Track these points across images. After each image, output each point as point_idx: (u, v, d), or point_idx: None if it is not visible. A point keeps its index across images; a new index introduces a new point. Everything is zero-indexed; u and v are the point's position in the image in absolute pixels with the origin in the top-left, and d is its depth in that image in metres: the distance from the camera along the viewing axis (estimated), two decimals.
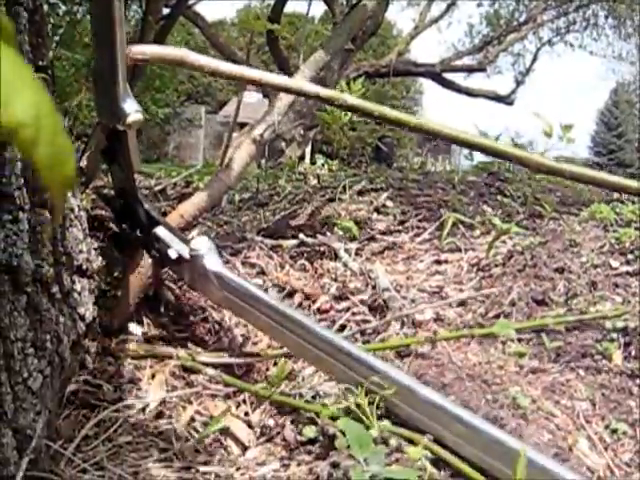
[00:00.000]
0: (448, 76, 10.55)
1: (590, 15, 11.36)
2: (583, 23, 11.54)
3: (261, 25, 1.93)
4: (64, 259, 1.25)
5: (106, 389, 1.33)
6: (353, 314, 1.77)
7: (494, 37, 11.24)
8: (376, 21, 6.65)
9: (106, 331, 1.48)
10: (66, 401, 1.25)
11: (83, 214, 1.41)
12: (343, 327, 1.72)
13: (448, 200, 2.73)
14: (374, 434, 1.10)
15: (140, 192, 1.59)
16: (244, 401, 1.38)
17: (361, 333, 1.67)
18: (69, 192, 1.30)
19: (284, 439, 1.24)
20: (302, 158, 6.88)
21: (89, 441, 1.18)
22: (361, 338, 1.65)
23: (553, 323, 1.55)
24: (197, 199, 1.72)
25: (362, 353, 1.27)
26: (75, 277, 1.31)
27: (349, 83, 2.44)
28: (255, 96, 12.90)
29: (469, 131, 1.59)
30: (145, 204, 1.55)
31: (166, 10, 3.42)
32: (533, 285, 1.75)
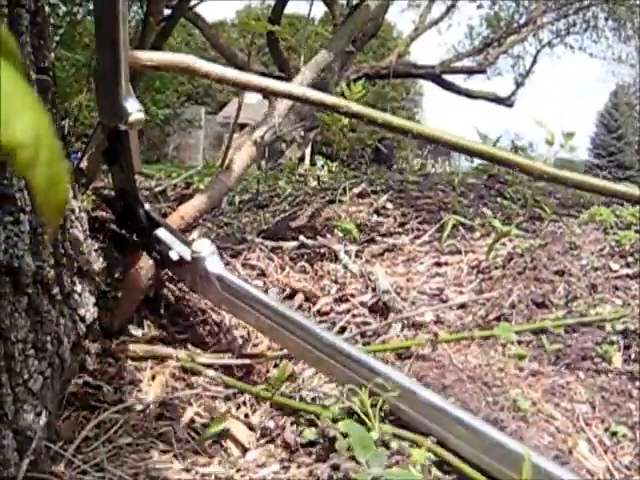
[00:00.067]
0: (448, 78, 10.55)
1: (590, 17, 11.37)
2: (583, 25, 11.55)
3: (261, 27, 1.93)
4: (65, 260, 1.25)
5: (106, 390, 1.32)
6: (353, 316, 1.77)
7: (494, 39, 11.24)
8: (376, 23, 6.66)
9: (106, 332, 1.48)
10: (66, 402, 1.25)
11: (84, 215, 1.41)
12: (343, 329, 1.72)
13: (448, 202, 2.73)
14: (375, 436, 1.11)
15: (140, 193, 1.59)
16: (244, 403, 1.38)
17: (361, 335, 1.67)
18: (70, 194, 1.31)
19: (284, 441, 1.23)
20: (302, 159, 6.89)
21: (89, 442, 1.18)
22: (361, 340, 1.65)
23: (553, 326, 1.56)
24: (197, 201, 1.71)
25: (362, 355, 1.27)
26: (76, 278, 1.31)
27: (349, 85, 2.45)
28: (255, 97, 12.89)
29: (469, 133, 1.59)
30: (146, 205, 1.55)
31: (167, 11, 3.42)
32: (533, 287, 1.75)
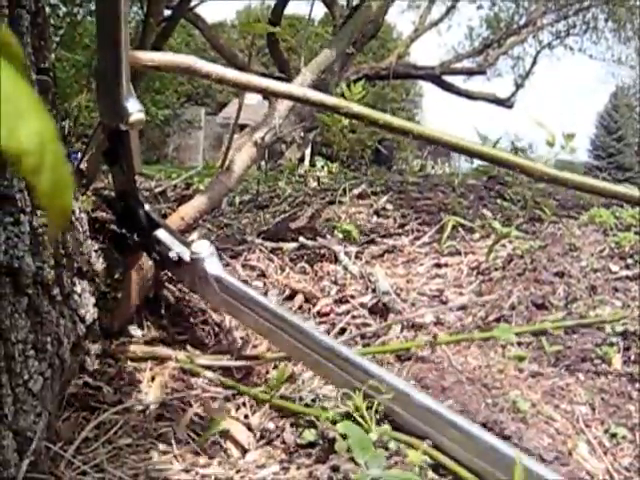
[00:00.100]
0: (448, 79, 10.56)
1: (590, 19, 11.39)
2: (583, 26, 11.56)
3: (261, 27, 1.93)
4: (65, 261, 1.25)
5: (106, 391, 1.32)
6: (353, 317, 1.77)
7: (494, 40, 11.25)
8: (376, 24, 6.67)
9: (106, 333, 1.48)
10: (66, 403, 1.25)
11: (84, 216, 1.41)
12: (343, 330, 1.72)
13: (448, 203, 2.73)
14: (373, 438, 1.11)
15: (141, 194, 1.59)
16: (244, 404, 1.37)
17: (361, 336, 1.67)
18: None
19: (284, 442, 1.23)
20: (302, 160, 6.89)
21: (89, 443, 1.18)
22: (361, 341, 1.65)
23: (552, 327, 1.56)
24: (197, 201, 1.72)
25: (359, 358, 1.27)
26: (76, 279, 1.31)
27: (349, 86, 2.45)
28: (255, 98, 12.90)
29: (469, 135, 1.59)
30: (146, 206, 1.55)
31: (167, 12, 3.42)
32: (533, 289, 1.75)
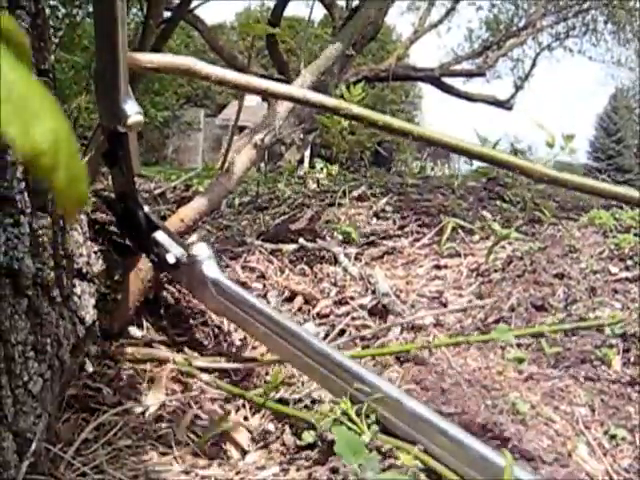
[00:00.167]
0: (447, 81, 10.56)
1: (589, 20, 11.39)
2: (582, 28, 11.56)
3: (261, 29, 1.93)
4: (65, 262, 1.25)
5: (106, 393, 1.32)
6: (353, 319, 1.77)
7: (493, 42, 11.26)
8: (376, 26, 6.67)
9: (106, 335, 1.48)
10: (66, 404, 1.25)
11: (84, 217, 1.41)
12: (343, 332, 1.72)
13: (448, 205, 2.73)
14: (366, 441, 1.10)
15: (140, 195, 1.59)
16: (243, 405, 1.37)
17: (361, 338, 1.67)
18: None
19: (284, 443, 1.23)
20: (301, 162, 6.89)
21: (89, 444, 1.18)
22: (360, 343, 1.65)
23: (551, 330, 1.56)
24: (197, 203, 1.72)
25: (352, 363, 1.25)
26: (75, 280, 1.31)
27: (349, 87, 2.45)
28: (254, 99, 12.90)
29: (468, 136, 1.59)
30: (145, 208, 1.55)
31: (167, 13, 3.43)
32: (532, 291, 1.75)
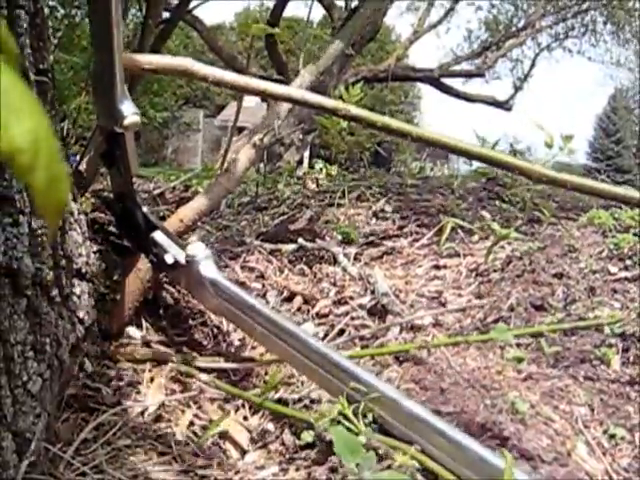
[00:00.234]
0: (446, 81, 10.55)
1: (589, 21, 11.40)
2: (582, 29, 11.57)
3: (260, 29, 1.92)
4: (64, 262, 1.25)
5: (105, 392, 1.32)
6: (352, 319, 1.77)
7: (493, 42, 11.26)
8: (375, 26, 6.66)
9: (105, 335, 1.48)
10: (65, 404, 1.25)
11: (82, 217, 1.41)
12: (342, 331, 1.72)
13: (447, 205, 2.73)
14: (363, 441, 1.09)
15: (139, 196, 1.59)
16: (243, 405, 1.37)
17: (360, 338, 1.67)
18: (69, 197, 1.31)
19: (283, 443, 1.23)
20: (300, 162, 6.88)
21: (88, 444, 1.18)
22: (360, 343, 1.65)
23: (551, 329, 1.56)
24: (197, 203, 1.71)
25: (349, 364, 1.25)
26: (74, 280, 1.31)
27: (347, 88, 2.45)
28: (253, 100, 12.88)
29: (467, 137, 1.59)
30: (143, 208, 1.55)
31: (166, 14, 3.43)
32: (532, 290, 1.75)
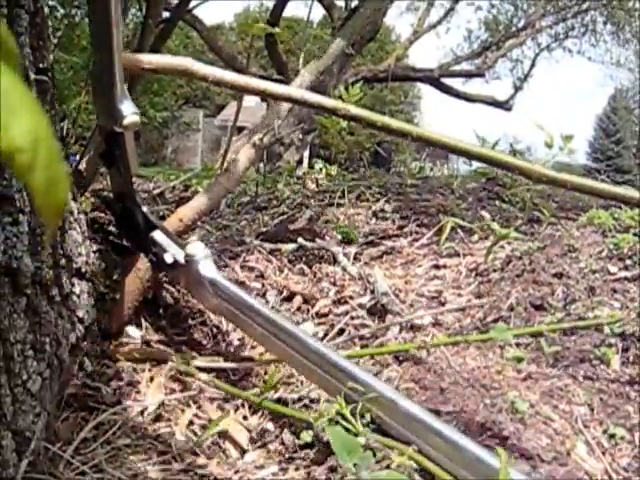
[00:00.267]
0: (446, 81, 10.55)
1: (589, 21, 11.40)
2: (582, 29, 11.58)
3: (260, 29, 1.92)
4: (63, 262, 1.25)
5: (105, 392, 1.32)
6: (352, 318, 1.77)
7: (493, 42, 11.26)
8: (375, 26, 6.66)
9: (105, 334, 1.48)
10: (65, 403, 1.25)
11: (82, 217, 1.41)
12: (342, 331, 1.72)
13: (447, 205, 2.73)
14: (362, 441, 1.09)
15: (138, 195, 1.59)
16: (242, 404, 1.37)
17: (359, 337, 1.67)
18: (69, 196, 1.31)
19: (282, 443, 1.23)
20: (300, 162, 6.88)
21: (88, 443, 1.18)
22: (359, 342, 1.65)
23: (551, 329, 1.55)
24: (196, 203, 1.71)
25: (347, 364, 1.25)
26: (74, 280, 1.31)
27: (347, 88, 2.44)
28: (253, 100, 12.88)
29: (467, 137, 1.58)
30: (143, 207, 1.55)
31: (166, 14, 3.43)
32: (531, 290, 1.75)
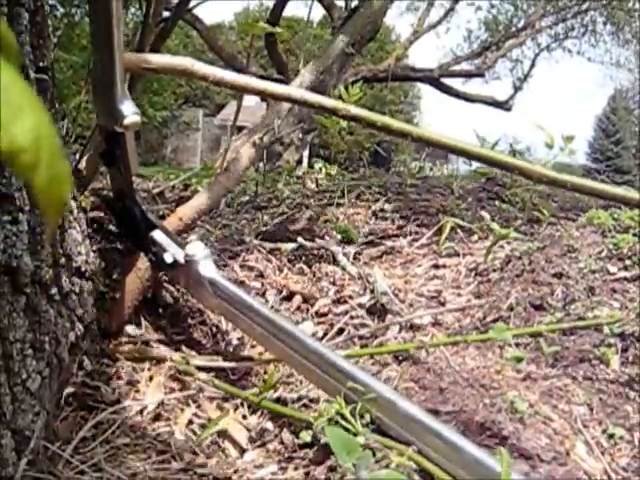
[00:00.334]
0: (446, 81, 10.55)
1: (588, 21, 11.40)
2: (581, 29, 11.57)
3: (260, 28, 1.92)
4: (63, 261, 1.25)
5: (104, 391, 1.32)
6: (351, 318, 1.77)
7: (492, 43, 11.26)
8: (375, 26, 6.67)
9: (104, 333, 1.48)
10: (64, 402, 1.25)
11: (82, 216, 1.41)
12: (341, 331, 1.72)
13: (446, 205, 2.73)
14: (361, 441, 1.09)
15: (138, 194, 1.59)
16: (242, 404, 1.37)
17: (359, 337, 1.67)
18: (69, 195, 1.31)
19: (282, 442, 1.23)
20: (300, 162, 6.89)
21: (87, 442, 1.18)
22: (359, 342, 1.65)
23: (550, 329, 1.55)
24: (196, 202, 1.71)
25: (346, 364, 1.25)
26: (74, 279, 1.31)
27: (347, 88, 2.44)
28: (253, 99, 12.89)
29: (467, 137, 1.58)
30: (143, 207, 1.55)
31: (166, 13, 3.43)
32: (531, 290, 1.75)
